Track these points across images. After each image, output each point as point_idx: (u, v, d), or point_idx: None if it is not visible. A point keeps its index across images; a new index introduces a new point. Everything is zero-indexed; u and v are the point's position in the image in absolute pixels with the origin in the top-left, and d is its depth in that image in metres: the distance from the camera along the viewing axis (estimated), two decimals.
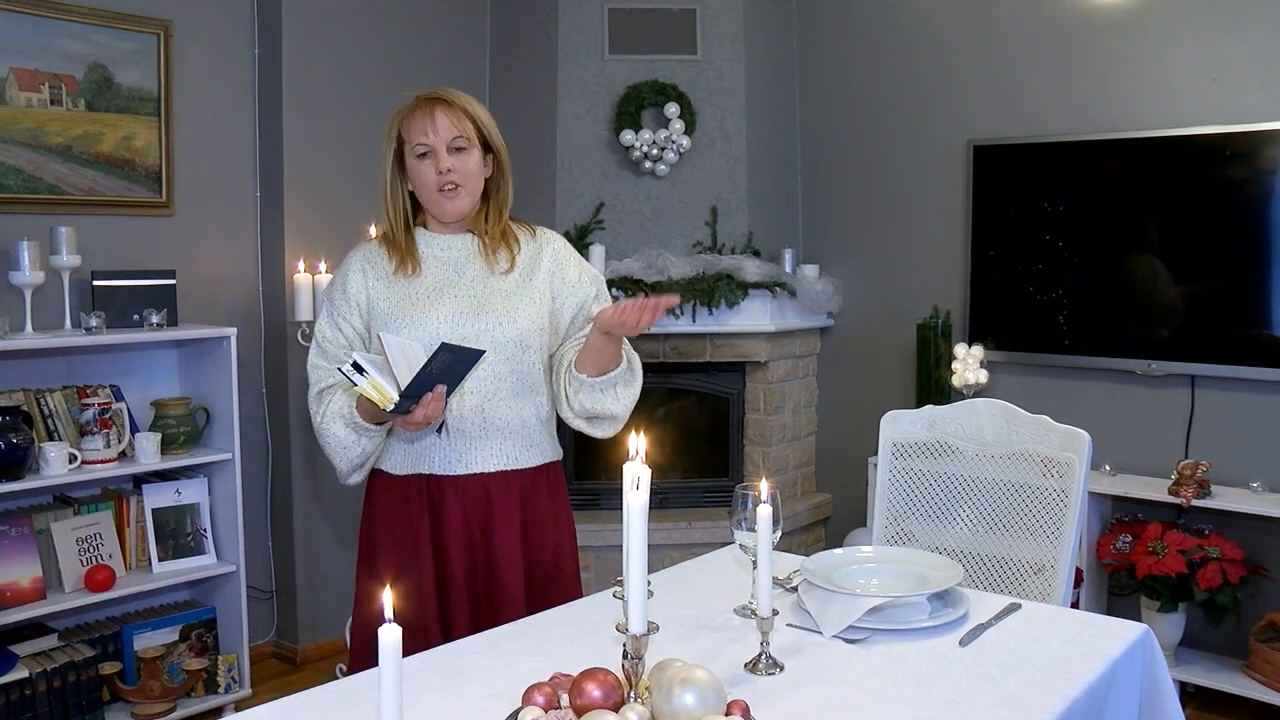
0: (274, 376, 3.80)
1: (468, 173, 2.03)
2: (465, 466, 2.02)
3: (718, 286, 3.95)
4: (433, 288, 2.03)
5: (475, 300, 2.02)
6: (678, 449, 4.34)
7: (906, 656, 1.62)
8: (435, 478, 2.03)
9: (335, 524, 3.90)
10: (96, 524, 3.19)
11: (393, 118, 2.06)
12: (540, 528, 2.09)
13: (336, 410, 1.97)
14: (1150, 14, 3.54)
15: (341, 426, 1.97)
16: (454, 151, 2.01)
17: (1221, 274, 3.39)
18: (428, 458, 2.03)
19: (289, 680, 3.63)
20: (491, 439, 2.02)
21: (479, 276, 2.05)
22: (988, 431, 2.29)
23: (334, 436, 1.99)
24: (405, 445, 2.04)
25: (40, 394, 3.13)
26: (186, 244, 3.56)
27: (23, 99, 3.18)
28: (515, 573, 2.05)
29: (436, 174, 2.00)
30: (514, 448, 2.05)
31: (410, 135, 2.02)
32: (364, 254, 2.09)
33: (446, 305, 2.00)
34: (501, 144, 2.09)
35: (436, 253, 2.07)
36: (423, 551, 2.02)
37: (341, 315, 2.06)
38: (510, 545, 2.04)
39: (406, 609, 1.90)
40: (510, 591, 2.03)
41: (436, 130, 2.00)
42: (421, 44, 4.14)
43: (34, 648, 3.07)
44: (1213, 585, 3.16)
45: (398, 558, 2.03)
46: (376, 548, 2.07)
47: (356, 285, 2.05)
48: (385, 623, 1.08)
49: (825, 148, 4.45)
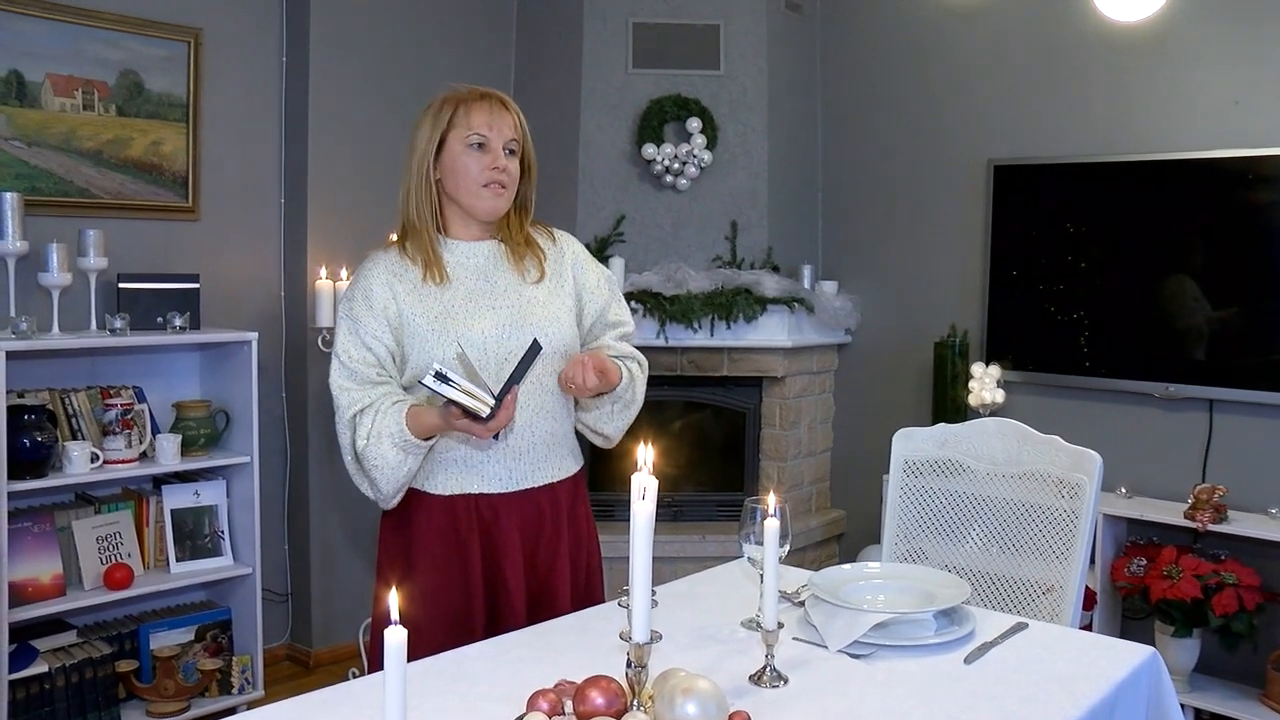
0: (294, 381, 3.84)
1: (513, 177, 2.00)
2: (518, 482, 1.97)
3: (736, 301, 3.97)
4: (467, 298, 1.96)
5: (515, 311, 1.97)
6: (693, 462, 4.35)
7: (911, 673, 1.62)
8: (486, 497, 1.95)
9: (351, 529, 3.93)
10: (116, 523, 3.23)
11: (442, 102, 1.99)
12: (578, 538, 2.08)
13: (383, 431, 1.86)
14: (1173, 36, 3.53)
15: (390, 447, 1.85)
16: (507, 153, 1.98)
17: (1242, 298, 3.37)
18: (478, 476, 1.95)
19: (302, 683, 3.66)
20: (539, 452, 1.99)
21: (512, 285, 2.00)
22: (999, 451, 2.29)
23: (382, 459, 1.86)
24: (449, 464, 1.96)
25: (65, 394, 3.18)
26: (211, 249, 3.61)
27: (57, 104, 3.24)
28: (565, 587, 2.02)
29: (489, 169, 1.95)
30: (557, 458, 2.03)
31: (471, 122, 1.95)
32: (385, 265, 1.98)
33: (486, 316, 1.95)
34: (534, 155, 2.07)
35: (462, 260, 2.00)
36: (473, 573, 1.94)
37: (370, 333, 1.93)
38: (561, 560, 2.02)
39: (456, 634, 1.85)
40: (560, 607, 1.98)
41: (500, 127, 1.96)
42: (447, 55, 4.19)
43: (53, 643, 3.11)
44: (1228, 611, 3.14)
45: (443, 579, 1.94)
46: (414, 568, 1.95)
47: (383, 299, 1.94)
48: (391, 624, 1.09)
49: (846, 164, 4.46)
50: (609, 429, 2.08)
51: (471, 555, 1.95)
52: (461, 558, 1.95)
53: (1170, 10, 3.26)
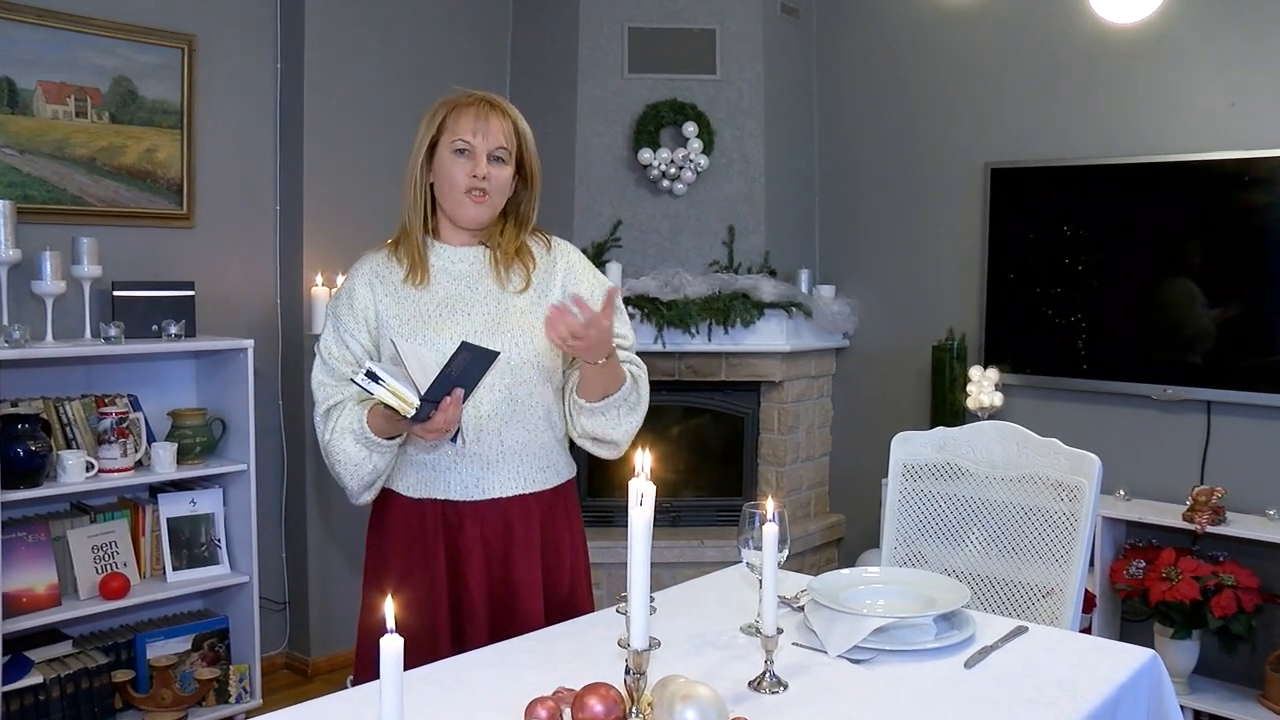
0: (290, 389, 3.82)
1: (498, 185, 1.97)
2: (484, 492, 1.95)
3: (734, 306, 3.96)
4: (443, 302, 1.96)
5: (490, 318, 1.95)
6: (691, 467, 4.34)
7: (911, 678, 1.62)
8: (452, 503, 1.95)
9: (349, 536, 3.92)
10: (112, 532, 3.21)
11: (437, 106, 1.99)
12: (558, 550, 2.04)
13: (346, 426, 1.89)
14: (1170, 39, 3.54)
15: (352, 442, 1.89)
16: (493, 160, 1.95)
17: (1240, 300, 3.37)
18: (444, 482, 1.95)
19: (300, 691, 3.64)
20: (509, 462, 1.96)
21: (491, 293, 1.98)
22: (998, 454, 2.29)
23: (344, 453, 1.90)
24: (419, 467, 1.97)
25: (59, 402, 3.17)
26: (206, 256, 3.60)
27: (49, 111, 3.23)
28: (535, 600, 1.99)
29: (470, 175, 1.93)
30: (532, 470, 1.99)
31: (457, 128, 1.94)
32: (371, 265, 2.00)
33: (459, 322, 1.94)
34: (537, 165, 2.04)
35: (447, 265, 1.99)
36: (438, 578, 1.94)
37: (349, 331, 1.97)
38: (530, 572, 1.99)
39: (420, 636, 1.82)
40: (530, 619, 1.96)
41: (486, 133, 1.94)
42: (442, 61, 4.18)
43: (48, 654, 3.10)
44: (1227, 613, 3.13)
45: (410, 582, 1.94)
46: (386, 569, 1.98)
47: (364, 300, 1.97)
48: (387, 633, 1.09)
49: (843, 168, 4.46)
50: (617, 434, 2.02)
51: (436, 561, 1.95)
52: (426, 563, 1.95)
53: (1166, 13, 3.27)
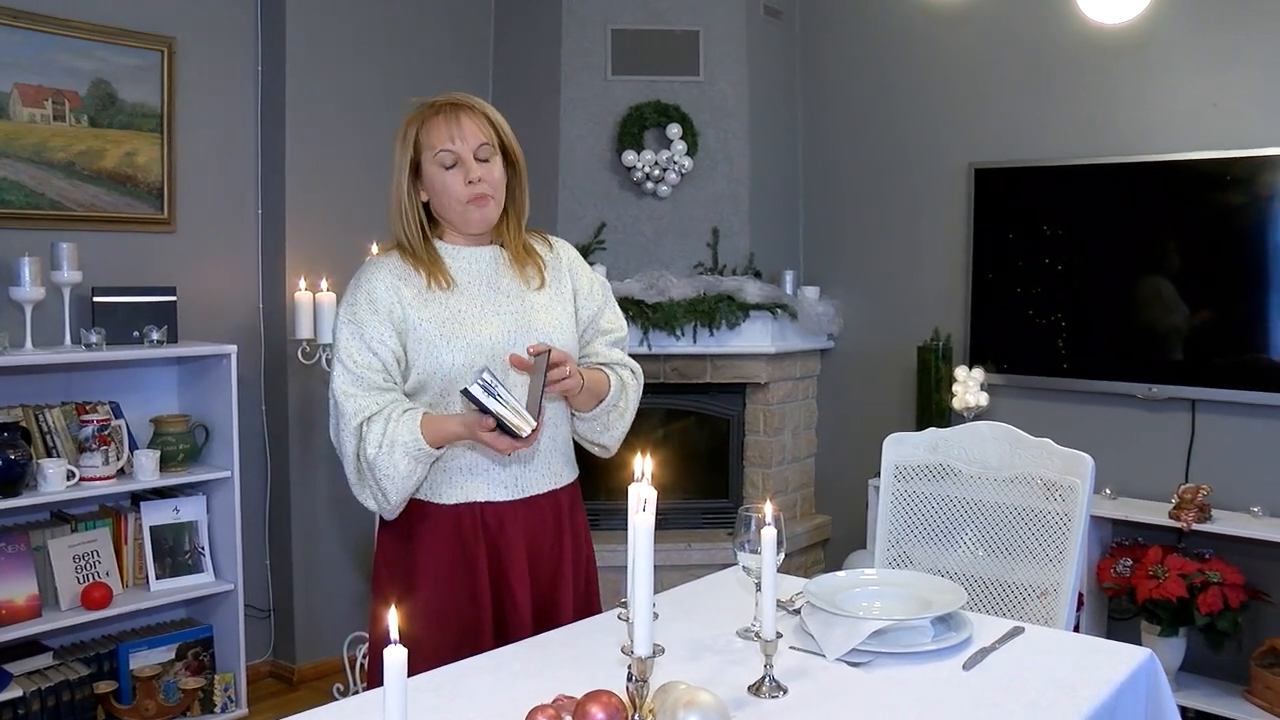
0: (274, 394, 3.79)
1: (495, 181, 1.93)
2: (523, 490, 1.94)
3: (718, 308, 3.96)
4: (474, 303, 1.92)
5: (520, 316, 1.94)
6: (677, 470, 4.33)
7: (910, 680, 1.61)
8: (492, 505, 1.92)
9: (334, 543, 3.88)
10: (94, 541, 3.17)
11: (406, 125, 1.93)
12: (579, 546, 2.06)
13: (396, 440, 1.81)
14: (1152, 40, 3.56)
15: (403, 457, 1.81)
16: (480, 160, 1.91)
17: (1222, 298, 3.39)
18: (483, 483, 1.92)
19: (286, 700, 3.61)
20: (542, 458, 1.97)
21: (515, 291, 1.96)
22: (991, 455, 2.29)
23: (394, 469, 1.82)
24: (454, 473, 1.92)
25: (39, 410, 3.12)
26: (188, 261, 3.56)
27: (26, 115, 3.18)
28: (569, 596, 1.99)
29: (466, 183, 1.89)
30: (559, 465, 2.01)
31: (433, 141, 1.89)
32: (389, 268, 1.92)
33: (493, 322, 1.91)
34: (519, 149, 1.99)
35: (465, 266, 1.95)
36: (481, 585, 1.90)
37: (375, 336, 1.87)
38: (564, 567, 2.00)
39: (463, 649, 1.79)
40: (565, 614, 1.96)
41: (464, 136, 1.89)
42: (425, 63, 4.16)
43: (29, 666, 3.05)
44: (1213, 610, 3.15)
45: (450, 593, 1.90)
46: (418, 584, 1.91)
47: (388, 301, 1.88)
48: (391, 644, 1.07)
49: (827, 170, 4.46)
50: (605, 439, 2.06)
51: (479, 566, 1.91)
52: (469, 569, 1.91)
53: (1149, 14, 3.28)
